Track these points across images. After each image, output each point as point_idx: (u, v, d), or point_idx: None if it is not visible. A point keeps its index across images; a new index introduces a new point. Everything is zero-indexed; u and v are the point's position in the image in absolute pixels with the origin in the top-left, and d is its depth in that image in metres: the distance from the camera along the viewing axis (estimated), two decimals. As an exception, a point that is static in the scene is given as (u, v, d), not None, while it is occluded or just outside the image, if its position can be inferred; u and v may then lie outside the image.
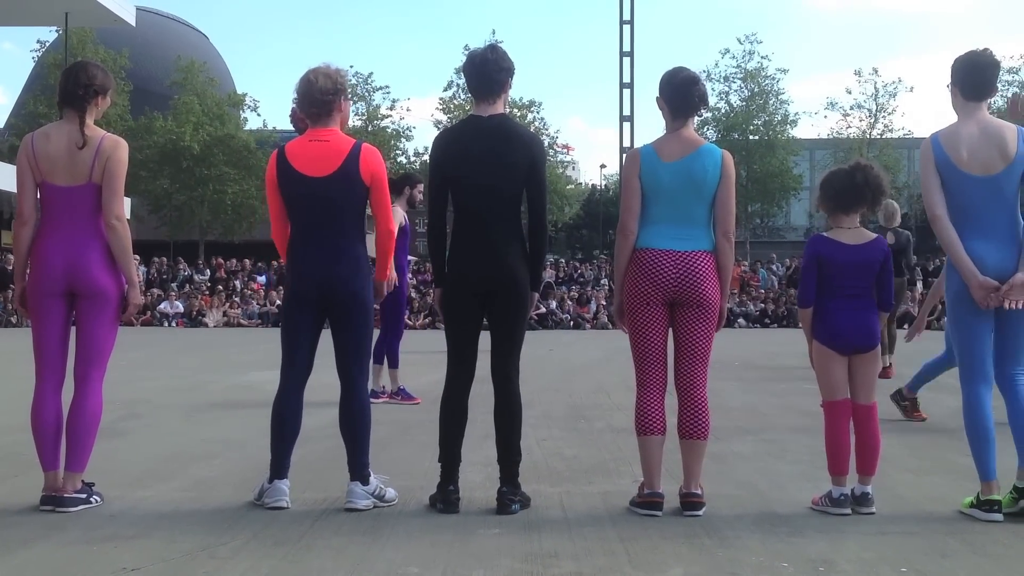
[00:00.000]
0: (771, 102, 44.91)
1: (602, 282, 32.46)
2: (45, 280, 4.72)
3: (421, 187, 9.20)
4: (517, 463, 4.83)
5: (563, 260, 39.30)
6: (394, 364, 9.23)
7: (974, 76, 4.76)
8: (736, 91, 45.20)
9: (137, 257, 30.77)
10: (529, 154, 4.81)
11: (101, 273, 4.75)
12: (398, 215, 8.70)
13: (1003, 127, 4.69)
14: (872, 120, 45.84)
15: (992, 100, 4.86)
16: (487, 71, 4.84)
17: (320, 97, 4.85)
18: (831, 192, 4.94)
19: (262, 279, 32.88)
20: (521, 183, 4.82)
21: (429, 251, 5.00)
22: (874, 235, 4.94)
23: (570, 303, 30.64)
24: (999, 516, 4.54)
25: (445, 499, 4.73)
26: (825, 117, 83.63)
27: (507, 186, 4.79)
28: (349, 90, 5.09)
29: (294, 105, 5.10)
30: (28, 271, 4.84)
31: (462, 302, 4.85)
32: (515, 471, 4.81)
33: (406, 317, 9.30)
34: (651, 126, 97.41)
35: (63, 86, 4.83)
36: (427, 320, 28.33)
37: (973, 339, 4.72)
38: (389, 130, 44.07)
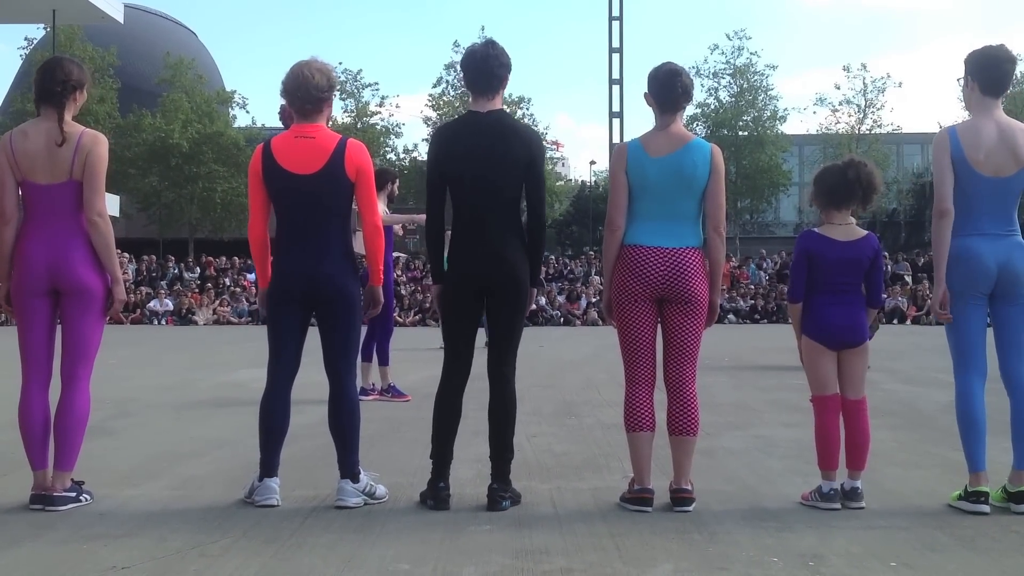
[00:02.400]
0: (760, 98, 44.98)
1: (592, 278, 32.49)
2: (28, 279, 4.70)
3: (397, 182, 9.25)
4: (509, 460, 4.83)
5: (553, 256, 39.30)
6: (384, 361, 9.22)
7: (992, 71, 4.77)
8: (725, 87, 45.32)
9: (127, 255, 30.76)
10: (528, 150, 4.80)
11: (85, 270, 4.72)
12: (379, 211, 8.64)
13: (1017, 129, 4.70)
14: (861, 116, 45.94)
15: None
16: (488, 67, 4.81)
17: (316, 94, 4.82)
18: (823, 188, 4.95)
19: (252, 276, 32.83)
20: (520, 179, 4.80)
21: (427, 248, 4.98)
22: (865, 232, 4.95)
23: (560, 299, 30.66)
24: (986, 508, 4.56)
25: (435, 496, 4.73)
26: (814, 113, 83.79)
27: (506, 182, 4.77)
28: (337, 85, 5.06)
29: (284, 101, 5.07)
30: (11, 270, 4.81)
31: (461, 300, 4.83)
32: (507, 468, 4.81)
33: (396, 314, 9.29)
34: (641, 122, 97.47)
35: (39, 83, 4.79)
36: (417, 317, 28.31)
37: (969, 331, 4.74)
38: (378, 127, 43.99)
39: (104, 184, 4.79)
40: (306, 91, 4.82)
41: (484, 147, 4.74)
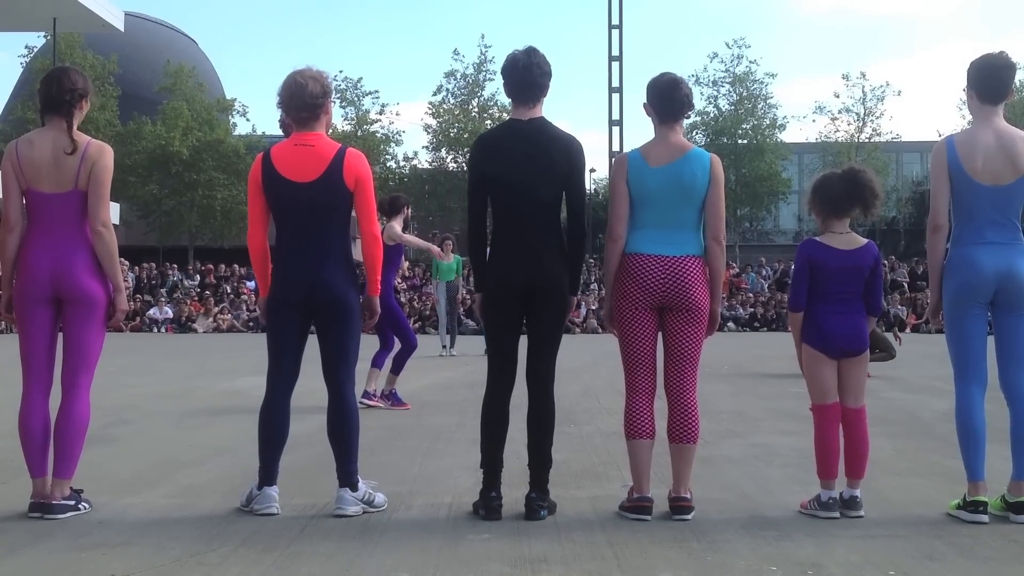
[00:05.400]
0: (759, 106, 45.03)
1: (591, 286, 32.47)
2: (31, 286, 4.71)
3: (410, 208, 9.53)
4: (548, 470, 4.82)
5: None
6: (396, 372, 9.25)
7: (990, 79, 4.77)
8: (725, 95, 45.34)
9: (125, 263, 30.75)
10: (568, 157, 4.80)
11: (88, 279, 4.74)
12: (394, 231, 8.84)
13: (1017, 138, 4.70)
14: (860, 124, 45.94)
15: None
16: (532, 76, 4.80)
17: (310, 101, 4.83)
18: (825, 197, 4.95)
19: (251, 284, 32.82)
20: (561, 186, 4.81)
21: (470, 255, 4.97)
22: (865, 240, 4.95)
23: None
24: (984, 517, 4.56)
25: (487, 505, 4.71)
26: (813, 121, 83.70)
27: (547, 189, 4.77)
28: (333, 92, 5.06)
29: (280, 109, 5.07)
30: (14, 278, 4.83)
31: (504, 307, 4.82)
32: (546, 477, 4.80)
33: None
34: (640, 130, 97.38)
35: (45, 93, 4.81)
36: (417, 325, 28.29)
37: (968, 339, 4.74)
38: (379, 135, 44.01)
39: (108, 194, 4.81)
40: (300, 99, 4.83)
41: (525, 155, 4.74)
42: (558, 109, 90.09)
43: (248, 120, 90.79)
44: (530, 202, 4.76)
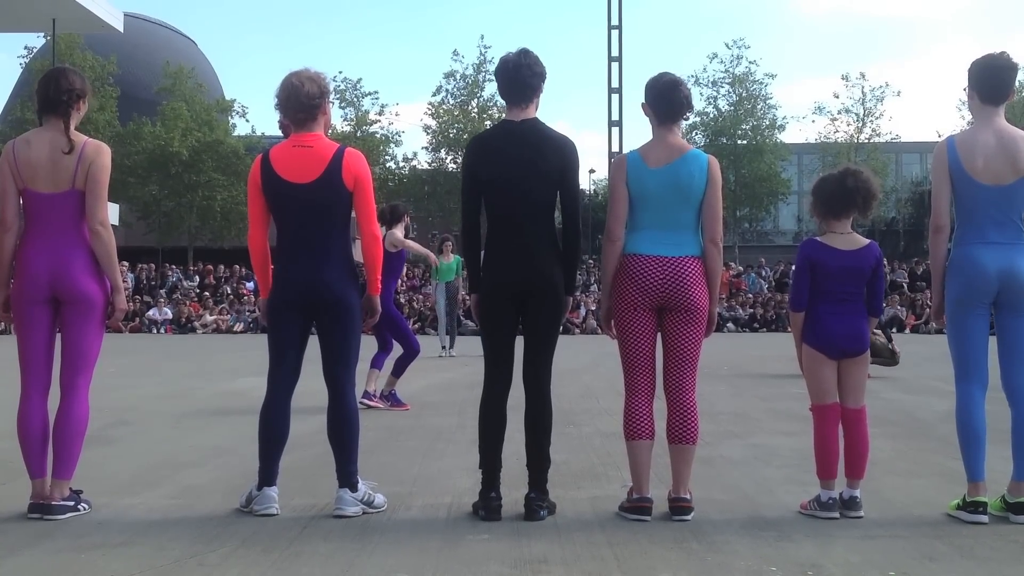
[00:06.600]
0: (759, 107, 45.06)
1: (591, 287, 32.47)
2: (29, 287, 4.71)
3: (409, 215, 9.60)
4: (546, 470, 4.82)
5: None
6: (397, 374, 9.26)
7: (991, 79, 4.77)
8: (724, 96, 45.38)
9: (125, 264, 30.77)
10: (562, 158, 4.80)
11: (86, 279, 4.73)
12: (396, 236, 8.87)
13: (1018, 138, 4.70)
14: (860, 124, 45.97)
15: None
16: (521, 77, 4.81)
17: (307, 102, 4.83)
18: (822, 197, 4.96)
19: (251, 284, 32.85)
20: (554, 187, 4.81)
21: (464, 256, 4.98)
22: (867, 241, 4.95)
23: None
24: (984, 518, 4.56)
25: (487, 506, 4.71)
26: (813, 122, 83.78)
27: (540, 190, 4.78)
28: (332, 92, 5.06)
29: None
30: (11, 278, 4.83)
31: (499, 308, 4.82)
32: (544, 478, 4.80)
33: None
34: (639, 131, 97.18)
35: (43, 94, 4.80)
36: (416, 326, 28.30)
37: (969, 340, 4.74)
38: (378, 135, 44.00)
39: (106, 194, 4.81)
40: (297, 100, 4.83)
41: (518, 156, 4.74)
42: (557, 109, 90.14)
43: (247, 121, 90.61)
44: (524, 203, 4.77)
